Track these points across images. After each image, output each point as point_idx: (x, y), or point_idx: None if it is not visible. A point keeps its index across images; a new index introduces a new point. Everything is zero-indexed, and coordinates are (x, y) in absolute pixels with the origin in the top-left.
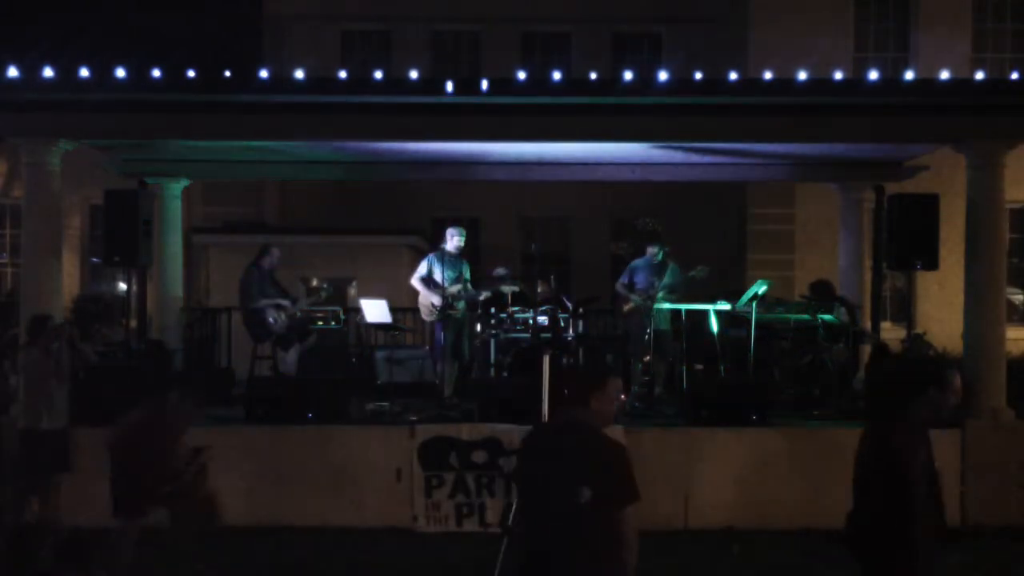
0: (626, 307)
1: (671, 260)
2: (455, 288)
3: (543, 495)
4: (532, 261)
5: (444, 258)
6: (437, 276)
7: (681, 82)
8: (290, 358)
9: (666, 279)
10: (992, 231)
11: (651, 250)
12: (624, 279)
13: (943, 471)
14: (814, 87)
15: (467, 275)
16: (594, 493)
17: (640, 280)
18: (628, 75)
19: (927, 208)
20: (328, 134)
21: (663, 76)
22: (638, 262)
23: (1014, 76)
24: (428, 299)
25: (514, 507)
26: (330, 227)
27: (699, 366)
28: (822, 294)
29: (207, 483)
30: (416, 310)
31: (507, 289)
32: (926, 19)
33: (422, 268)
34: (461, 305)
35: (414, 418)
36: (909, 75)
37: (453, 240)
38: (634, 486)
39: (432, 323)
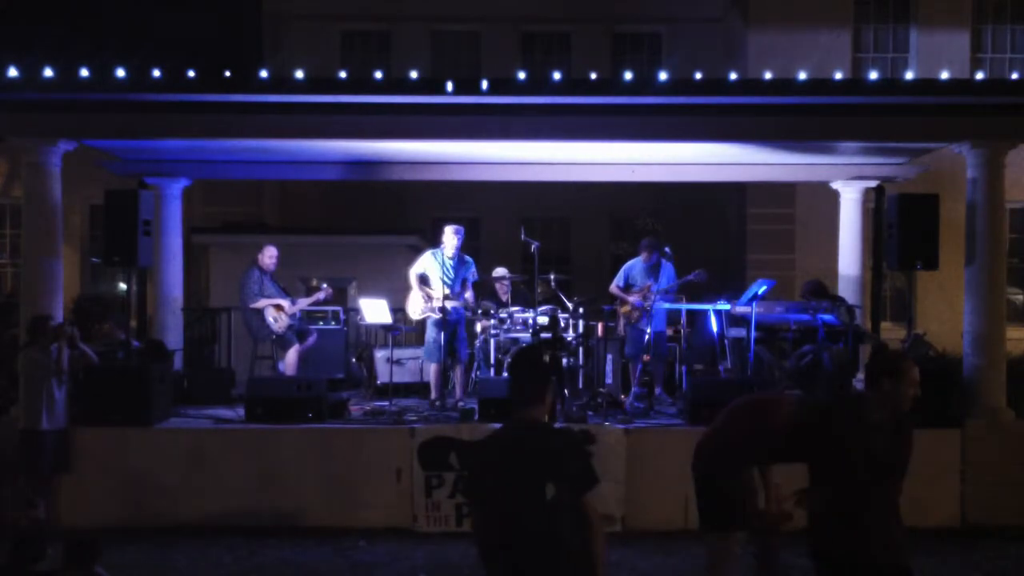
0: (622, 309)
1: (666, 260)
2: (449, 303)
3: (507, 500)
4: (532, 261)
5: (443, 260)
6: (433, 277)
7: (681, 82)
8: (290, 358)
9: (661, 282)
10: (992, 231)
11: (644, 253)
12: (619, 281)
13: (943, 471)
14: (814, 87)
15: (472, 277)
16: (558, 487)
17: (636, 282)
18: (628, 75)
19: (927, 208)
20: (328, 134)
21: (663, 76)
22: (633, 263)
23: (1014, 76)
24: (417, 298)
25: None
26: (330, 227)
27: (699, 366)
28: (816, 293)
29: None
30: None
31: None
32: (926, 19)
33: (418, 264)
34: (453, 306)
35: (414, 418)
36: (909, 75)
37: (448, 241)
38: (594, 472)
39: (423, 321)
